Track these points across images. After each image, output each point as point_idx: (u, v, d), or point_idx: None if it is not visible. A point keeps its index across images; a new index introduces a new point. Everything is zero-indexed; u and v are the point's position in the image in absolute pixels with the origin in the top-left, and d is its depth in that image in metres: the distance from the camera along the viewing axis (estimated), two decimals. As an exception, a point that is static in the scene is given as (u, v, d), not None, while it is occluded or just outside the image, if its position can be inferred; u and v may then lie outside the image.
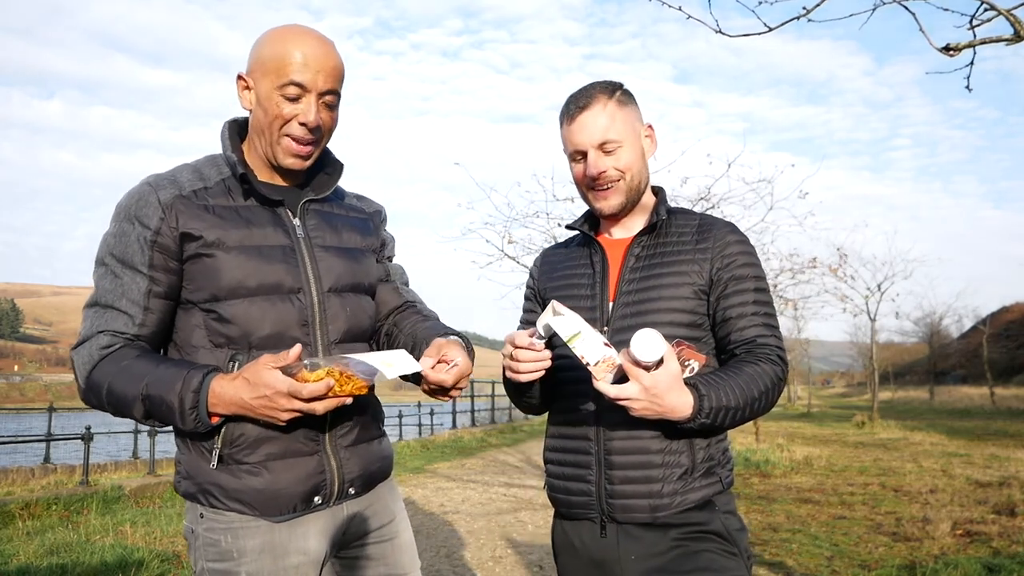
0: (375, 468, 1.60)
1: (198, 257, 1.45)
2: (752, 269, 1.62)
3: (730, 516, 1.59)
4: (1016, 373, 45.37)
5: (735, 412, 1.48)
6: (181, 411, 1.36)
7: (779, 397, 1.57)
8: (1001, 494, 7.43)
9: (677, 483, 1.54)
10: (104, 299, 1.45)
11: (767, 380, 1.52)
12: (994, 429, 18.51)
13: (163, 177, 1.49)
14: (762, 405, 1.52)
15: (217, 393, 1.37)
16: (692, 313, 1.59)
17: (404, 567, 1.63)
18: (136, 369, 1.39)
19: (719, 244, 1.62)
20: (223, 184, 1.51)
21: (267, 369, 1.34)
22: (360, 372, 1.40)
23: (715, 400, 1.45)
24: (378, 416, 1.65)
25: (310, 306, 1.50)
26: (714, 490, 1.56)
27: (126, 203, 1.47)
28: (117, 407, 1.42)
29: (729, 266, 1.60)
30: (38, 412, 17.61)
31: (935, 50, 2.39)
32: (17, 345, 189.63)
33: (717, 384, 1.47)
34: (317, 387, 1.33)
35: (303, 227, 1.55)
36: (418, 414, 17.75)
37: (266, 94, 1.47)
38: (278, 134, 1.49)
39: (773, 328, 1.60)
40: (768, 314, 1.61)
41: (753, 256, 1.64)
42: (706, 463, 1.56)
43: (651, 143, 1.70)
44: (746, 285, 1.60)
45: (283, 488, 1.45)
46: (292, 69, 1.45)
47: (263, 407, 1.36)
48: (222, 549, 1.44)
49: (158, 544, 5.44)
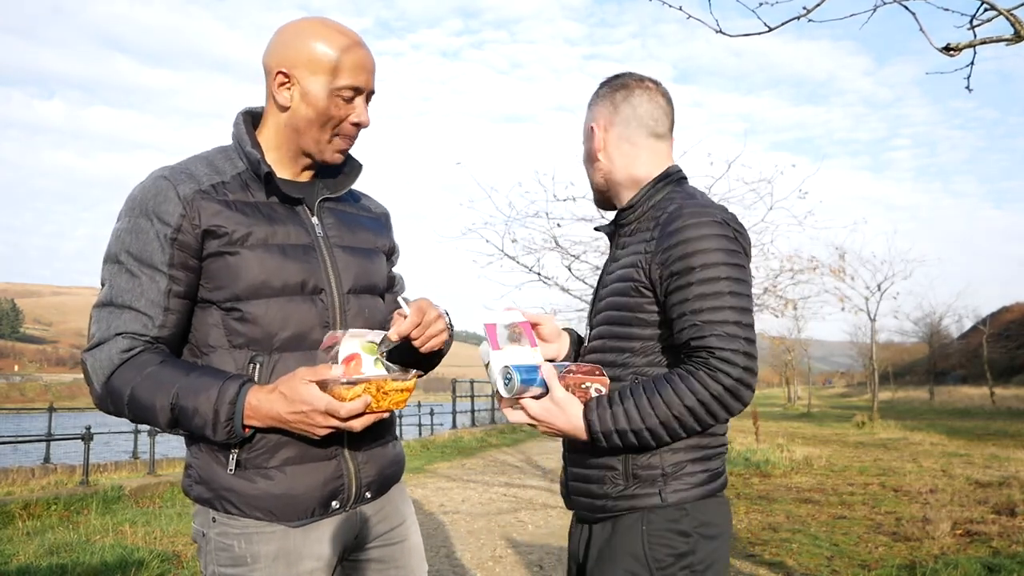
0: (390, 471, 1.59)
1: (219, 255, 1.39)
2: (700, 257, 1.41)
3: (663, 542, 1.43)
4: (1016, 373, 45.36)
5: (639, 434, 1.39)
6: (215, 423, 1.33)
7: (724, 407, 1.36)
8: (1001, 494, 7.43)
9: (612, 487, 1.49)
10: (120, 299, 1.38)
11: (686, 396, 1.36)
12: (994, 429, 18.51)
13: (178, 170, 1.43)
14: (686, 424, 1.38)
15: (253, 406, 1.33)
16: (631, 311, 1.50)
17: (413, 570, 1.62)
18: (163, 377, 1.34)
19: (664, 236, 1.46)
20: (239, 178, 1.46)
21: (304, 384, 1.31)
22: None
23: (601, 424, 1.41)
24: (391, 419, 1.63)
25: (331, 307, 1.47)
26: (649, 502, 1.45)
27: (141, 197, 1.40)
28: (139, 415, 1.36)
29: (668, 261, 1.43)
30: (38, 412, 17.59)
31: (935, 50, 2.39)
32: (17, 345, 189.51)
33: (614, 406, 1.41)
34: (355, 406, 1.31)
35: (321, 225, 1.52)
36: (418, 414, 17.76)
37: (318, 94, 1.43)
38: (331, 133, 1.47)
39: (714, 325, 1.37)
40: (715, 308, 1.38)
41: (703, 240, 1.41)
42: (646, 471, 1.45)
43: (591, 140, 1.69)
44: (687, 279, 1.41)
45: (302, 493, 1.42)
46: (349, 72, 1.43)
47: (300, 422, 1.33)
48: (235, 554, 1.40)
49: (158, 544, 5.44)
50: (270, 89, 1.48)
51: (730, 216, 1.48)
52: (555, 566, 5.09)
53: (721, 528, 1.50)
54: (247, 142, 1.47)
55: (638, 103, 1.61)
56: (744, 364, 1.36)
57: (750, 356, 1.37)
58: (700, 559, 1.45)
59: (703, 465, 1.48)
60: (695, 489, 1.46)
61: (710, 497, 1.49)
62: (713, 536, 1.47)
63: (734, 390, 1.36)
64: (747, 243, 1.49)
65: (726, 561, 1.52)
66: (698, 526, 1.45)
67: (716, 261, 1.41)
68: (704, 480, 1.48)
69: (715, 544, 1.47)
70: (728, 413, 1.38)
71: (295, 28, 1.46)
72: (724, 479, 1.54)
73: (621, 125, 1.62)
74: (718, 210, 1.47)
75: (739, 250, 1.44)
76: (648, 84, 1.63)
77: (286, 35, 1.46)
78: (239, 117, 1.52)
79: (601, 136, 1.64)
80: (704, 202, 1.51)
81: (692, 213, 1.45)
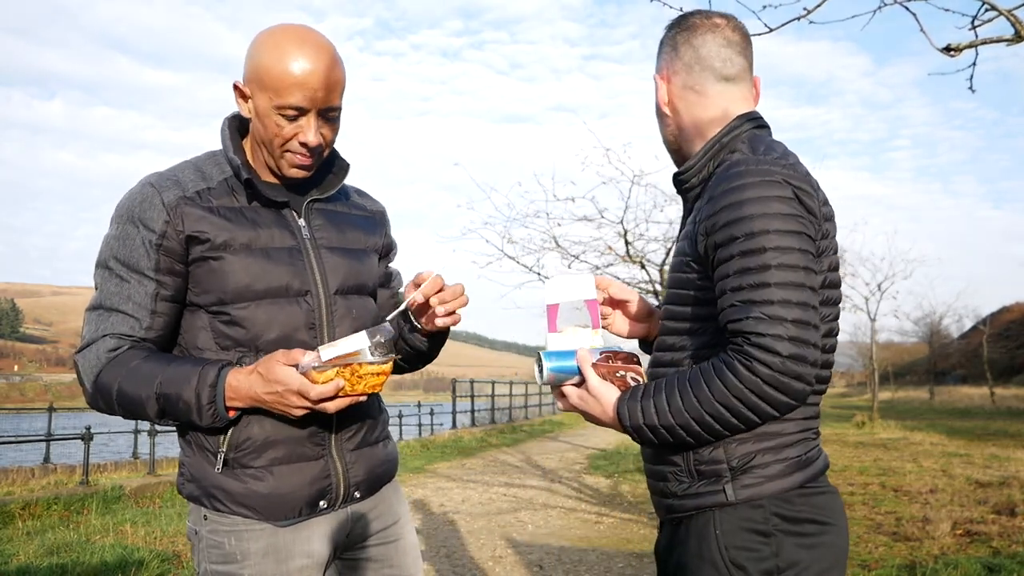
0: (380, 471, 1.60)
1: (204, 260, 1.42)
2: (741, 226, 1.21)
3: (739, 544, 1.26)
4: (1016, 373, 45.37)
5: (670, 430, 1.25)
6: (198, 407, 1.36)
7: (766, 400, 1.18)
8: (1001, 494, 7.43)
9: (677, 485, 1.35)
10: (109, 302, 1.42)
11: (718, 390, 1.20)
12: (994, 429, 18.50)
13: (165, 177, 1.45)
14: (719, 421, 1.22)
15: (233, 387, 1.36)
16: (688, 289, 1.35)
17: (408, 569, 1.63)
18: (147, 370, 1.38)
19: (709, 202, 1.29)
20: (226, 184, 1.48)
21: (280, 365, 1.34)
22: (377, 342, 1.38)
23: (632, 418, 1.28)
24: (383, 418, 1.65)
25: (317, 308, 1.48)
26: (714, 500, 1.29)
27: (128, 204, 1.43)
28: (129, 408, 1.40)
29: (712, 230, 1.26)
30: (38, 412, 17.59)
31: (936, 51, 2.39)
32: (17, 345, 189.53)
33: (645, 398, 1.28)
34: (325, 389, 1.33)
35: (308, 227, 1.53)
36: (418, 414, 17.76)
37: (264, 111, 1.41)
38: (279, 150, 1.45)
39: (752, 305, 1.19)
40: (755, 285, 1.19)
41: (745, 205, 1.22)
42: (708, 465, 1.30)
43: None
44: (728, 251, 1.23)
45: (289, 493, 1.44)
46: (290, 90, 1.37)
47: (276, 402, 1.36)
48: (226, 552, 1.43)
49: (158, 544, 5.43)
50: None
51: (796, 173, 1.25)
52: (555, 566, 5.09)
53: (819, 525, 1.29)
54: (229, 148, 1.48)
55: (701, 43, 1.41)
56: (789, 352, 1.15)
57: (799, 342, 1.16)
58: (790, 561, 1.25)
59: (778, 455, 1.28)
60: (771, 483, 1.27)
61: (796, 489, 1.28)
62: (806, 534, 1.27)
63: (774, 382, 1.16)
64: (817, 207, 1.26)
65: (833, 562, 1.31)
66: (781, 524, 1.26)
67: (763, 228, 1.20)
68: (782, 471, 1.27)
69: (810, 542, 1.27)
70: (774, 408, 1.19)
71: (256, 41, 1.43)
72: (816, 467, 1.32)
73: (684, 72, 1.42)
74: (779, 167, 1.25)
75: (799, 214, 1.22)
76: (716, 20, 1.42)
77: (250, 47, 1.45)
78: (224, 122, 1.53)
79: (664, 87, 1.46)
80: (764, 157, 1.27)
81: (742, 172, 1.25)
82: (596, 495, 8.36)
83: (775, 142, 1.35)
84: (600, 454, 12.76)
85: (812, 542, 1.27)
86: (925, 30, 2.44)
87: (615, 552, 5.51)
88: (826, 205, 1.31)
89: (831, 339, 1.35)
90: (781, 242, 1.20)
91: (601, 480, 9.63)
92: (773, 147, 1.32)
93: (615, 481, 9.40)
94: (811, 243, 1.24)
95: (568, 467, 11.24)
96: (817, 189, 1.29)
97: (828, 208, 1.32)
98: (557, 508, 7.44)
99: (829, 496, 1.34)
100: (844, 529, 1.35)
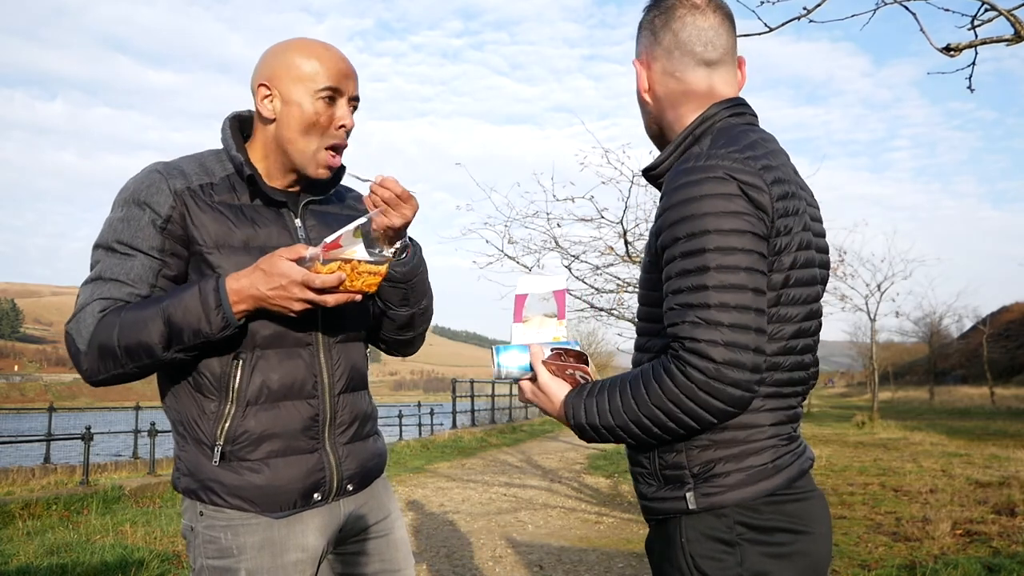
0: (371, 465, 1.63)
1: (201, 255, 1.45)
2: (684, 226, 1.17)
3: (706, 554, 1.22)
4: (1016, 373, 45.37)
5: (610, 431, 1.23)
6: (207, 313, 1.35)
7: (702, 406, 1.14)
8: (1001, 494, 7.43)
9: (647, 487, 1.32)
10: (108, 273, 1.42)
11: (654, 393, 1.17)
12: (994, 429, 18.51)
13: (171, 166, 1.49)
14: (656, 424, 1.18)
15: (235, 289, 1.37)
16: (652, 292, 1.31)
17: (399, 563, 1.65)
18: (144, 308, 1.37)
19: (660, 204, 1.25)
20: (227, 181, 1.51)
21: (282, 260, 1.35)
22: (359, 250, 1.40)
23: (575, 416, 1.27)
24: (373, 414, 1.68)
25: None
26: (678, 506, 1.25)
27: (134, 188, 1.45)
28: (133, 350, 1.37)
29: (661, 230, 1.22)
30: (38, 412, 17.60)
31: (936, 51, 2.39)
32: (17, 345, 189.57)
33: (588, 397, 1.27)
34: (329, 278, 1.35)
35: (304, 227, 1.56)
36: (418, 414, 17.76)
37: (302, 98, 1.47)
38: (317, 140, 1.49)
39: (690, 309, 1.15)
40: (694, 287, 1.15)
41: (688, 204, 1.17)
42: (670, 471, 1.26)
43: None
44: (672, 252, 1.19)
45: (284, 485, 1.46)
46: (328, 75, 1.47)
47: (278, 296, 1.36)
48: (221, 546, 1.45)
49: (158, 544, 5.44)
50: (256, 105, 1.53)
51: (746, 168, 1.18)
52: (555, 566, 5.09)
53: (792, 533, 1.23)
54: (232, 146, 1.51)
55: (680, 27, 1.33)
56: (724, 358, 1.11)
57: (735, 347, 1.12)
58: (756, 572, 1.20)
59: (740, 463, 1.23)
60: (732, 492, 1.22)
61: (764, 498, 1.22)
62: (776, 543, 1.22)
63: (708, 388, 1.13)
64: (769, 202, 1.18)
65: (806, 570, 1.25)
66: (746, 533, 1.21)
67: (703, 228, 1.15)
68: (743, 481, 1.22)
69: (780, 551, 1.22)
70: (710, 415, 1.15)
71: (274, 47, 1.53)
72: (788, 474, 1.25)
73: (664, 57, 1.34)
74: (729, 161, 1.18)
75: (744, 212, 1.16)
76: (696, 1, 1.33)
77: (266, 55, 1.53)
78: (226, 122, 1.56)
79: (644, 74, 1.38)
80: (715, 152, 1.21)
81: (688, 169, 1.20)
82: (596, 495, 8.36)
83: (743, 132, 1.26)
84: (600, 454, 12.76)
85: (782, 551, 1.22)
86: (925, 30, 2.44)
87: (615, 552, 5.52)
88: (788, 199, 1.21)
89: (803, 339, 1.29)
90: (722, 242, 1.14)
91: (601, 480, 9.63)
92: (736, 139, 1.23)
93: (615, 481, 9.40)
94: (758, 242, 1.17)
95: (568, 467, 11.24)
96: (775, 184, 1.19)
97: (792, 202, 1.22)
98: (557, 508, 7.44)
99: (805, 503, 1.27)
100: (823, 535, 1.29)
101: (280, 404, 1.47)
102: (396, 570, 1.64)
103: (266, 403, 1.46)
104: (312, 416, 1.50)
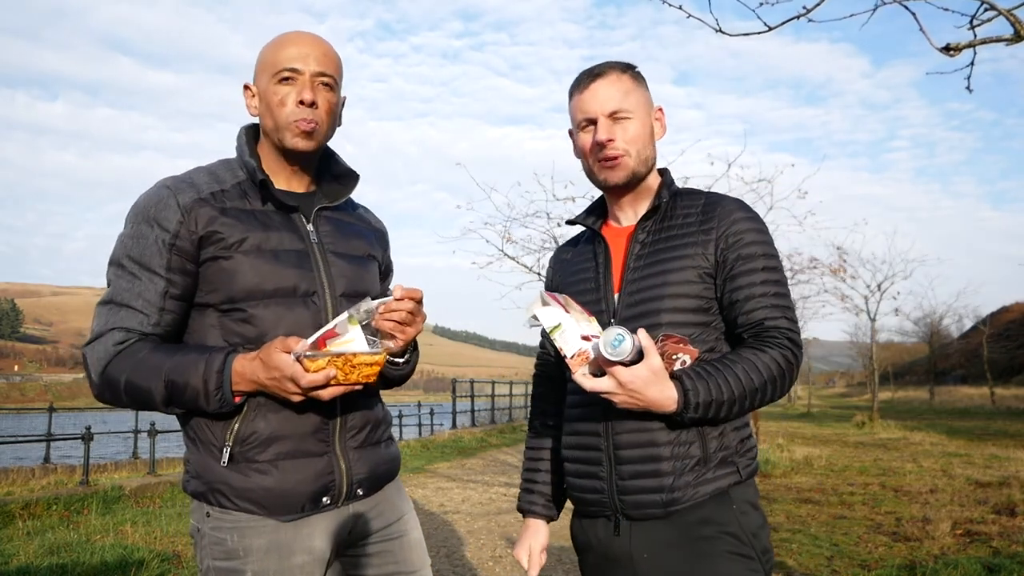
0: (383, 470, 1.62)
1: (215, 260, 1.47)
2: (762, 247, 1.54)
3: (748, 513, 1.51)
4: (1016, 373, 45.38)
5: (730, 405, 1.43)
6: (206, 393, 1.39)
7: (791, 383, 1.50)
8: (1001, 494, 7.43)
9: (689, 475, 1.48)
10: (119, 298, 1.46)
11: (772, 368, 1.46)
12: (994, 429, 18.51)
13: (180, 180, 1.52)
14: (767, 395, 1.47)
15: (238, 372, 1.40)
16: (698, 298, 1.53)
17: (414, 564, 1.65)
18: (154, 360, 1.41)
19: (724, 223, 1.54)
20: (239, 187, 1.54)
21: (277, 352, 1.37)
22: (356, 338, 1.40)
23: (702, 394, 1.40)
24: (386, 419, 1.68)
25: (324, 309, 1.52)
26: (730, 480, 1.50)
27: (144, 205, 1.48)
28: (136, 398, 1.43)
29: (735, 245, 1.53)
30: (38, 412, 17.59)
31: (935, 50, 2.39)
32: (17, 345, 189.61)
33: (707, 377, 1.42)
34: (316, 378, 1.36)
35: (316, 232, 1.58)
36: (418, 414, 17.77)
37: (265, 88, 1.53)
38: (283, 121, 1.52)
39: (783, 309, 1.51)
40: (779, 294, 1.52)
41: (763, 232, 1.56)
42: (721, 452, 1.51)
43: (660, 127, 1.67)
44: (754, 264, 1.52)
45: (292, 487, 1.46)
46: (285, 58, 1.52)
47: (275, 387, 1.39)
48: (228, 548, 1.45)
49: (158, 544, 5.44)
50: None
51: None
52: (555, 566, 5.09)
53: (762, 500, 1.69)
54: (246, 152, 1.56)
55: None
56: (798, 343, 1.52)
57: None
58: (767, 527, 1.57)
59: (750, 442, 1.59)
60: (755, 461, 1.58)
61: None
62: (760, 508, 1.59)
63: (798, 364, 1.50)
64: None
65: None
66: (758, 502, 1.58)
67: (774, 250, 1.58)
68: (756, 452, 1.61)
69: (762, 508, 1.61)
70: (789, 387, 1.50)
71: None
72: None
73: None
74: None
75: None
76: None
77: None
78: (241, 131, 1.62)
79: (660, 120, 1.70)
80: None
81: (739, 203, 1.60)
82: (596, 495, 8.35)
83: None
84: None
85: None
86: (925, 29, 2.44)
87: (615, 552, 5.51)
88: None
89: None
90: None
91: (601, 480, 9.61)
92: None
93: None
94: None
95: (568, 467, 11.22)
96: None
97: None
98: (557, 508, 7.44)
99: None
100: None
101: (290, 406, 1.47)
102: (412, 571, 1.64)
103: (276, 404, 1.46)
104: (322, 419, 1.50)
